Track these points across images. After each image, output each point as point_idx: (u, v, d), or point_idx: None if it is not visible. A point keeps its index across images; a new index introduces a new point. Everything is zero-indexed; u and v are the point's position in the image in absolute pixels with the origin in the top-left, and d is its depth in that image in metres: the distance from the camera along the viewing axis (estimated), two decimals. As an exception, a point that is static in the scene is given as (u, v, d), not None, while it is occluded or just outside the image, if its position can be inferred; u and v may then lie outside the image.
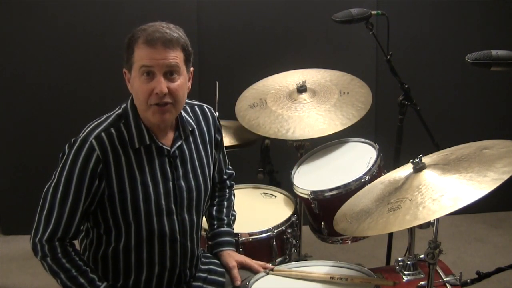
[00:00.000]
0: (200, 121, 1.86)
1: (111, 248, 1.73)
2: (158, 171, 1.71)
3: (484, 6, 3.54)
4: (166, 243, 1.74)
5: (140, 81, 1.61)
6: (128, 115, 1.69)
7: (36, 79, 3.43)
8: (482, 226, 3.58)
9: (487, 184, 1.40)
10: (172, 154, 1.73)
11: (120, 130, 1.67)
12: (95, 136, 1.63)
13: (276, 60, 3.08)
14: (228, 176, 2.08)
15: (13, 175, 3.55)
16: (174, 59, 1.61)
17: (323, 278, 1.76)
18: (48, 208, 1.63)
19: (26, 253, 3.35)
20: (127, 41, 1.64)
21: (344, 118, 2.39)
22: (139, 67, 1.60)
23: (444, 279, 1.82)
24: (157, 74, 1.60)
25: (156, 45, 1.59)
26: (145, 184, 1.68)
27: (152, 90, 1.60)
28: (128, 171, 1.66)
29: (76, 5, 3.32)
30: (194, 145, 1.81)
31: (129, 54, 1.64)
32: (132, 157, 1.67)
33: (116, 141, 1.65)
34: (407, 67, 3.06)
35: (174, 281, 1.81)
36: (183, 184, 1.75)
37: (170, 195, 1.72)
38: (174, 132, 1.76)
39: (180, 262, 1.79)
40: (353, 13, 2.40)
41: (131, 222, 1.68)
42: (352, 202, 1.80)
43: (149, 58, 1.59)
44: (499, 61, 1.75)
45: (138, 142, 1.68)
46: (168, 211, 1.72)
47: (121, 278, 1.76)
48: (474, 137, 1.76)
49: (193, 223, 1.80)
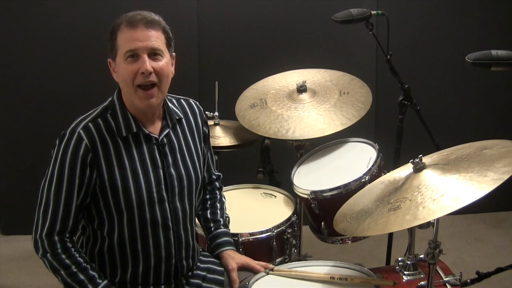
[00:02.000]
0: (187, 113, 1.89)
1: (106, 242, 1.75)
2: (148, 159, 1.74)
3: (484, 6, 3.54)
4: (159, 232, 1.76)
5: (125, 64, 1.66)
6: (114, 106, 1.74)
7: (36, 79, 3.44)
8: (482, 226, 3.58)
9: (487, 184, 1.40)
10: (160, 142, 1.76)
11: (107, 120, 1.71)
12: (83, 127, 1.67)
13: (276, 60, 3.08)
14: (216, 177, 2.10)
15: (13, 175, 3.56)
16: (156, 40, 1.66)
17: (323, 278, 1.76)
18: (44, 203, 1.67)
19: (26, 253, 3.36)
20: (110, 30, 1.70)
21: (344, 118, 2.39)
22: (124, 53, 1.65)
23: (444, 279, 1.82)
24: (141, 55, 1.64)
25: (138, 25, 1.65)
26: (135, 172, 1.71)
27: (137, 70, 1.65)
28: (117, 160, 1.69)
29: (76, 5, 3.32)
30: (182, 134, 1.85)
31: (112, 41, 1.68)
32: (121, 146, 1.70)
33: (103, 130, 1.69)
34: (407, 67, 3.07)
35: (172, 273, 1.82)
36: (173, 172, 1.78)
37: (161, 183, 1.75)
38: (162, 121, 1.79)
39: (175, 252, 1.80)
40: (353, 13, 2.40)
41: (124, 211, 1.70)
42: (352, 202, 1.80)
43: (132, 39, 1.64)
44: (499, 61, 1.75)
45: (126, 130, 1.71)
46: (159, 199, 1.74)
47: (118, 272, 1.77)
48: (474, 137, 1.76)
49: (185, 213, 1.82)
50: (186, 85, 3.45)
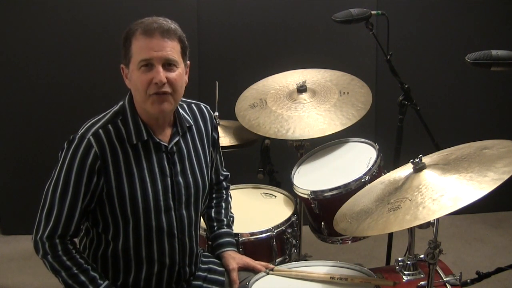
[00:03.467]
0: (198, 119, 1.87)
1: (110, 247, 1.73)
2: (156, 167, 1.72)
3: (484, 6, 3.54)
4: (164, 239, 1.75)
5: (139, 72, 1.63)
6: (125, 112, 1.71)
7: (36, 79, 3.43)
8: (482, 226, 3.58)
9: (487, 184, 1.40)
10: (170, 150, 1.74)
11: (118, 126, 1.68)
12: (93, 133, 1.64)
13: (276, 60, 3.08)
14: (224, 177, 2.09)
15: (13, 175, 3.55)
16: (171, 51, 1.64)
17: (323, 278, 1.76)
18: (48, 206, 1.65)
19: (26, 253, 3.36)
20: (124, 35, 1.66)
21: (344, 118, 2.39)
22: (138, 62, 1.62)
23: (444, 279, 1.82)
24: (156, 65, 1.62)
25: (154, 35, 1.61)
26: (143, 180, 1.69)
27: (151, 80, 1.62)
28: (126, 167, 1.67)
29: (76, 5, 3.32)
30: (192, 142, 1.82)
31: (126, 47, 1.65)
32: (130, 153, 1.68)
33: (113, 137, 1.66)
34: (407, 67, 3.07)
35: (174, 278, 1.81)
36: (181, 181, 1.76)
37: (168, 191, 1.73)
38: (172, 128, 1.77)
39: (179, 259, 1.80)
40: (353, 13, 2.40)
41: (130, 219, 1.69)
42: (352, 202, 1.80)
43: (148, 48, 1.61)
44: (499, 61, 1.75)
45: (136, 138, 1.69)
46: (166, 207, 1.73)
47: (121, 277, 1.77)
48: (474, 137, 1.76)
49: (191, 220, 1.81)
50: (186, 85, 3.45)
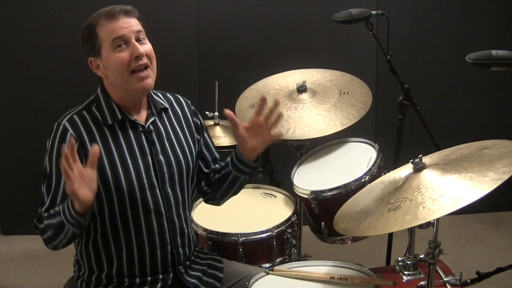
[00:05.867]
0: (173, 104, 1.93)
1: (99, 232, 1.76)
2: (136, 146, 1.77)
3: (484, 6, 3.54)
4: (152, 219, 1.77)
5: (116, 52, 1.69)
6: (99, 99, 1.80)
7: (36, 79, 3.44)
8: (482, 226, 3.58)
9: (487, 184, 1.40)
10: (147, 129, 1.79)
11: (93, 112, 1.77)
12: (68, 119, 1.73)
13: (276, 60, 3.07)
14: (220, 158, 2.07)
15: (13, 175, 3.56)
16: (138, 25, 1.73)
17: (323, 278, 1.76)
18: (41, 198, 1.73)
19: (26, 253, 3.36)
20: (86, 30, 1.74)
21: (344, 118, 2.38)
22: (112, 41, 1.69)
23: (444, 279, 1.82)
24: (130, 40, 1.70)
25: (119, 16, 1.71)
26: (123, 159, 1.74)
27: (130, 56, 1.69)
28: (105, 148, 1.73)
29: (76, 4, 3.32)
30: (169, 123, 1.87)
31: (93, 39, 1.72)
32: (107, 134, 1.75)
33: (89, 121, 1.74)
34: (407, 67, 3.07)
35: (169, 261, 1.82)
36: (162, 159, 1.80)
37: (150, 169, 1.77)
38: (147, 110, 1.83)
39: (170, 238, 1.81)
40: (353, 13, 2.40)
41: (114, 198, 1.72)
42: (352, 202, 1.80)
43: (117, 28, 1.69)
44: (499, 61, 1.75)
45: (111, 119, 1.75)
46: (150, 185, 1.76)
47: (114, 263, 1.78)
48: (474, 137, 1.75)
49: (177, 199, 1.83)
50: (186, 85, 3.46)
